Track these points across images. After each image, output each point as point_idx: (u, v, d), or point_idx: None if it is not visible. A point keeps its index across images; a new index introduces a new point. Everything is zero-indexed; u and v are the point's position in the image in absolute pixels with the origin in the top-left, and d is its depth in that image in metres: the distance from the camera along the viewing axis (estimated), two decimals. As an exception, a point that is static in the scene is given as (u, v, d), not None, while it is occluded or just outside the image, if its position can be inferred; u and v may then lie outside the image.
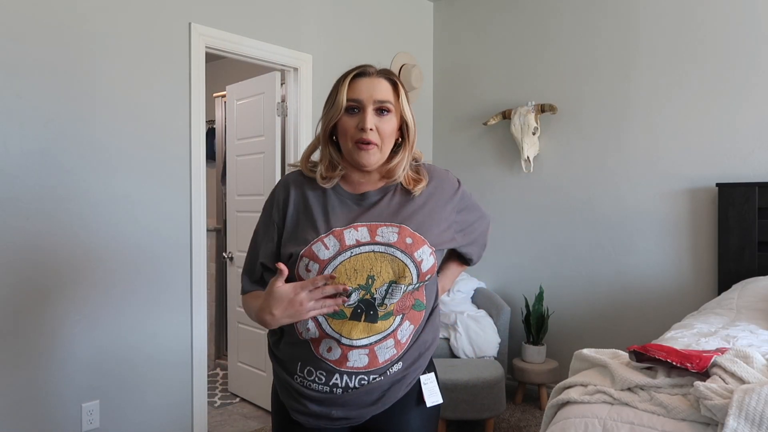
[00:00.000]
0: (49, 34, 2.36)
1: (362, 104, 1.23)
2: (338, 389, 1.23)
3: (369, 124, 1.22)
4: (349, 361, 1.22)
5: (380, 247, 1.21)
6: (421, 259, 1.22)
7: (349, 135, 1.24)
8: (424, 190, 1.31)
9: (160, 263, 2.72)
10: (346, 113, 1.24)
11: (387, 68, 1.30)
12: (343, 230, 1.22)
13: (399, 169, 1.28)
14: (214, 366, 4.40)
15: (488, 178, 4.00)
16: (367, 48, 3.77)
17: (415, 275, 1.22)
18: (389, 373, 1.25)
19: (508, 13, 3.90)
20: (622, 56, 3.41)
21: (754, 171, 2.99)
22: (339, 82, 1.26)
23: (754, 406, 1.22)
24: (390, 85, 1.27)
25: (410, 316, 1.27)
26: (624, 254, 3.41)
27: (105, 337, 2.53)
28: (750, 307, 2.39)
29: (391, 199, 1.29)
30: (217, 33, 2.92)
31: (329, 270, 1.19)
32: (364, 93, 1.23)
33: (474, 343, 3.33)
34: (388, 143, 1.27)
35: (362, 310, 1.21)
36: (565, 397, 1.53)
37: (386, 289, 1.20)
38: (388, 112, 1.25)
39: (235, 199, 3.79)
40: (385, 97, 1.24)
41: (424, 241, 1.24)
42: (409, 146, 1.31)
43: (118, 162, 2.57)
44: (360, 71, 1.26)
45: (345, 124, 1.24)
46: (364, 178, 1.30)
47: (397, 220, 1.25)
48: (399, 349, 1.25)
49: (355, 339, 1.21)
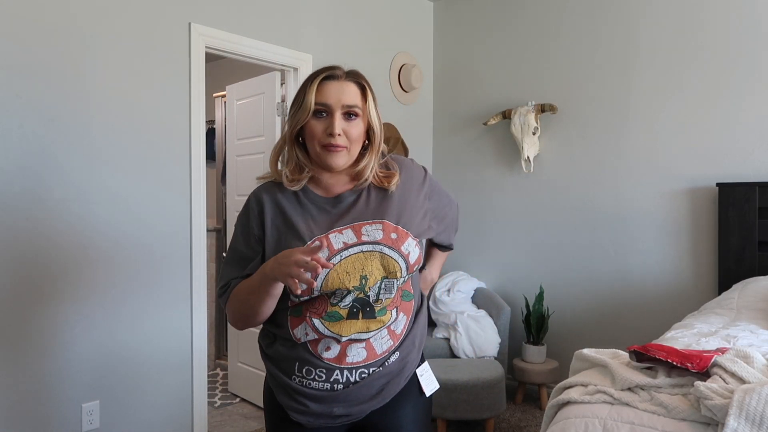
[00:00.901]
0: (49, 34, 2.36)
1: (330, 108, 1.22)
2: (339, 385, 1.23)
3: (337, 129, 1.21)
4: (348, 357, 1.22)
5: (367, 246, 1.21)
6: (408, 252, 1.24)
7: (316, 139, 1.23)
8: (397, 183, 1.30)
9: (160, 263, 2.72)
10: (314, 117, 1.23)
11: (355, 70, 1.28)
12: (328, 235, 1.22)
13: (367, 171, 1.28)
14: (214, 366, 4.39)
15: (488, 178, 4.00)
16: (367, 48, 3.77)
17: (404, 268, 1.23)
18: (387, 364, 1.26)
19: (509, 13, 3.90)
20: (622, 56, 3.41)
21: (755, 171, 2.99)
22: (306, 83, 1.24)
23: (755, 406, 1.22)
24: (358, 89, 1.26)
25: (402, 308, 1.28)
26: (624, 254, 3.41)
27: (105, 337, 2.53)
28: (750, 307, 2.39)
29: (368, 197, 1.29)
30: (217, 33, 2.91)
31: (321, 278, 1.18)
32: (332, 97, 1.22)
33: (474, 343, 3.33)
34: (356, 146, 1.26)
35: (358, 309, 1.21)
36: (565, 397, 1.53)
37: (379, 285, 1.21)
38: (356, 116, 1.24)
39: (235, 199, 3.79)
40: (353, 102, 1.23)
41: (408, 233, 1.25)
42: (376, 149, 1.29)
43: (117, 162, 2.57)
44: (328, 74, 1.24)
45: (313, 128, 1.23)
46: (333, 179, 1.29)
47: (378, 216, 1.25)
48: (395, 340, 1.27)
49: (354, 334, 1.22)
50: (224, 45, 2.95)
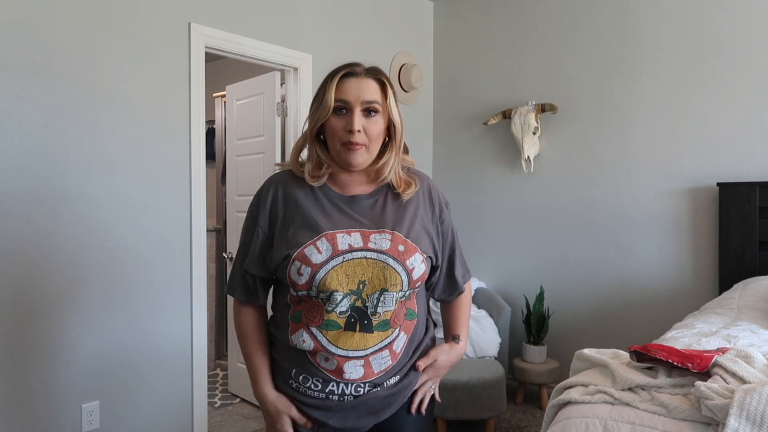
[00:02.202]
0: (49, 34, 2.35)
1: (350, 105, 1.22)
2: (334, 396, 1.23)
3: (357, 126, 1.21)
4: (345, 373, 1.21)
5: (372, 253, 1.20)
6: (413, 267, 1.22)
7: (337, 136, 1.23)
8: (413, 196, 1.30)
9: (159, 263, 2.71)
10: (334, 114, 1.23)
11: (376, 67, 1.28)
12: (336, 233, 1.21)
13: (386, 169, 1.27)
14: (214, 366, 4.39)
15: (488, 178, 3.99)
16: (367, 48, 3.77)
17: (406, 282, 1.21)
18: (386, 385, 1.25)
19: (509, 13, 3.90)
20: (622, 56, 3.40)
21: (755, 170, 2.99)
22: (327, 81, 1.24)
23: (755, 406, 1.21)
24: (378, 85, 1.25)
25: (404, 327, 1.26)
26: (624, 254, 3.40)
27: (105, 337, 2.53)
28: (751, 307, 2.39)
29: (384, 205, 1.27)
30: (217, 33, 2.91)
31: (321, 274, 1.17)
32: (351, 94, 1.22)
33: (474, 343, 3.33)
34: (376, 144, 1.25)
35: (356, 320, 1.20)
36: (565, 397, 1.53)
37: (378, 297, 1.19)
38: (376, 112, 1.24)
39: (235, 199, 3.79)
40: (372, 98, 1.23)
41: (416, 248, 1.23)
42: (396, 146, 1.29)
43: (117, 162, 2.57)
44: (348, 71, 1.24)
45: (333, 125, 1.23)
46: (352, 178, 1.29)
47: (389, 226, 1.24)
48: (393, 359, 1.25)
49: (351, 350, 1.20)
50: (224, 45, 2.95)
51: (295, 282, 1.19)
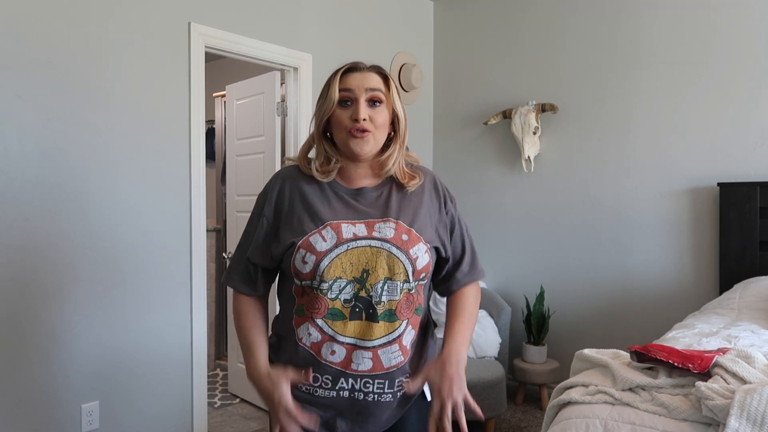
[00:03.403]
0: (49, 34, 2.35)
1: (354, 95, 1.24)
2: (344, 392, 1.23)
3: (362, 114, 1.22)
4: (353, 363, 1.21)
5: (376, 242, 1.21)
6: (416, 256, 1.22)
7: (342, 126, 1.25)
8: (418, 188, 1.32)
9: (159, 263, 2.71)
10: (339, 106, 1.25)
11: (377, 65, 1.31)
12: (341, 223, 1.23)
13: (390, 161, 1.29)
14: (214, 366, 4.39)
15: (488, 178, 3.99)
16: (367, 48, 3.77)
17: (410, 272, 1.22)
18: (398, 393, 1.26)
19: (509, 12, 3.90)
20: (623, 56, 3.40)
21: (756, 170, 2.98)
22: (331, 77, 1.27)
23: (756, 406, 1.21)
24: (381, 78, 1.28)
25: (412, 321, 1.27)
26: (625, 254, 3.40)
27: (104, 337, 2.53)
28: (751, 307, 2.39)
29: (388, 196, 1.29)
30: (217, 32, 2.91)
31: (325, 262, 1.18)
32: (355, 83, 1.24)
33: (475, 343, 3.32)
34: (381, 133, 1.27)
35: (360, 309, 1.21)
36: (566, 397, 1.53)
37: (382, 286, 1.20)
38: (380, 102, 1.26)
39: (235, 199, 3.79)
40: (376, 86, 1.25)
41: (420, 237, 1.24)
42: (401, 139, 1.31)
43: (117, 162, 2.56)
44: (351, 66, 1.27)
45: (338, 117, 1.25)
46: (358, 171, 1.30)
47: (393, 215, 1.25)
48: (405, 356, 1.25)
49: (358, 339, 1.21)
50: (224, 45, 2.95)
51: (299, 271, 1.20)
